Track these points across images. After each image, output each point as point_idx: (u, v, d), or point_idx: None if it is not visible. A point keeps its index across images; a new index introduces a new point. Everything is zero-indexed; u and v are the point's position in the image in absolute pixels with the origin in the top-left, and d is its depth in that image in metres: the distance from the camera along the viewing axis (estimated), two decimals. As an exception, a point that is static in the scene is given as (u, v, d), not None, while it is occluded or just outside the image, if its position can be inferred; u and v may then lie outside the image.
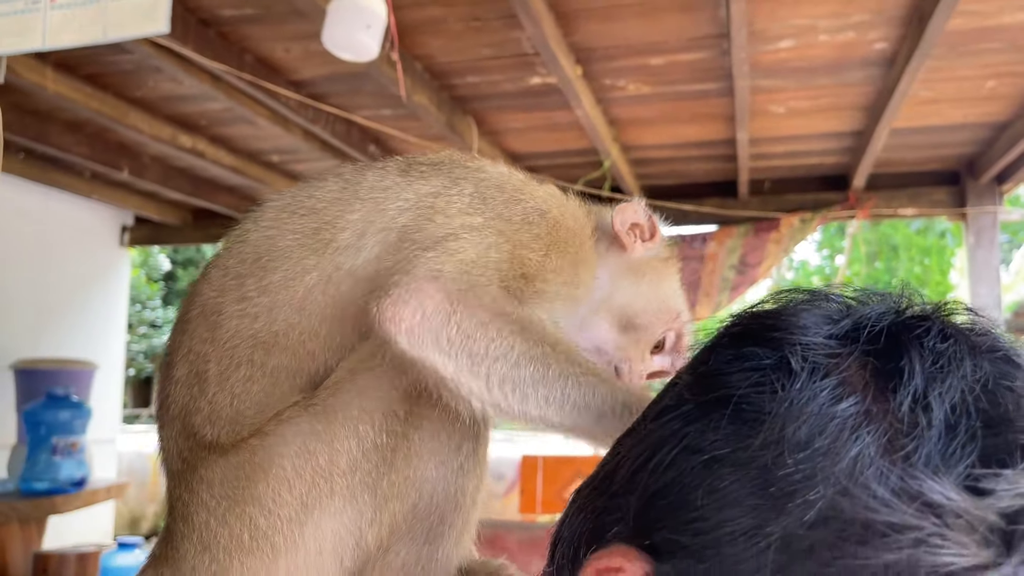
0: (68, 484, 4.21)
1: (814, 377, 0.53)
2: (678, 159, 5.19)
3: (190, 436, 1.01)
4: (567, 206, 1.16)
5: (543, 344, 0.92)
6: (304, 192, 1.10)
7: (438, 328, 0.89)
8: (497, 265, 0.99)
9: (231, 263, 1.07)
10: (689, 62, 3.67)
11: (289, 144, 4.75)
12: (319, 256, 1.02)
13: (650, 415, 0.63)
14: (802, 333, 0.56)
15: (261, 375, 1.00)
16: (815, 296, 0.62)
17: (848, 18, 3.26)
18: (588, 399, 0.91)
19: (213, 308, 1.04)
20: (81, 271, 6.10)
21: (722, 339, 0.61)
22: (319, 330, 1.00)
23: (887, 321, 0.57)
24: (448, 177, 1.08)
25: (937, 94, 4.03)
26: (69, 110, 4.24)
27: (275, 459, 0.93)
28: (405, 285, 0.91)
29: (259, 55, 3.62)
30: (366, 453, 0.93)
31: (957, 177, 5.31)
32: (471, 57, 3.64)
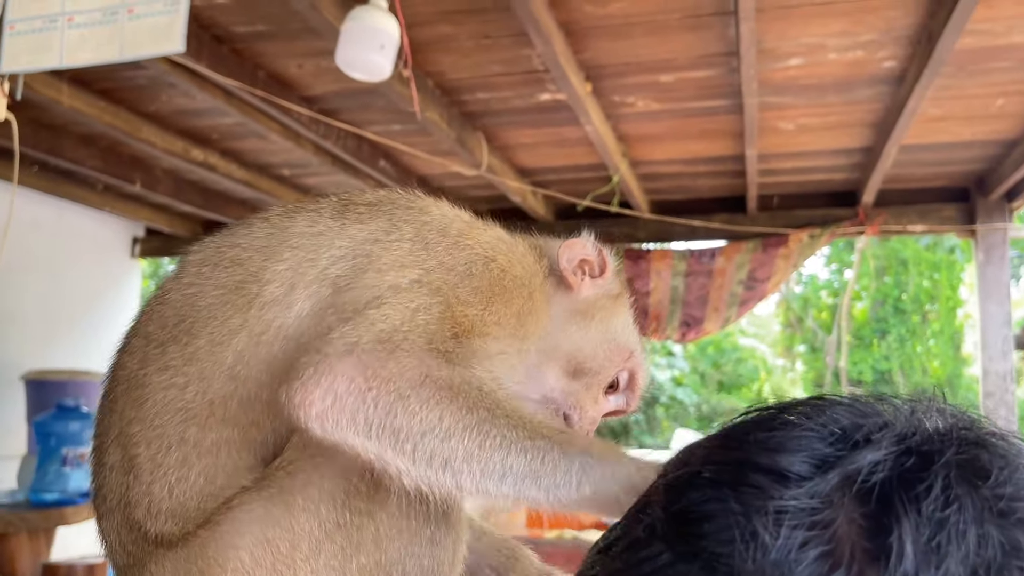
0: (77, 495, 4.23)
1: (791, 548, 0.47)
2: (687, 175, 5.20)
3: (133, 529, 0.93)
4: (516, 251, 1.07)
5: (477, 410, 0.83)
6: (227, 241, 1.01)
7: (353, 408, 0.81)
8: (425, 327, 0.90)
9: (152, 329, 0.98)
10: (698, 79, 3.69)
11: (300, 158, 4.79)
12: (244, 314, 0.94)
13: (624, 540, 0.57)
14: (780, 486, 0.50)
15: (197, 456, 0.91)
16: (812, 415, 0.55)
17: (857, 37, 3.28)
18: (535, 467, 0.82)
19: (137, 382, 0.96)
20: (92, 282, 6.14)
21: (701, 473, 0.55)
22: (259, 396, 0.92)
23: (882, 473, 0.50)
24: (388, 220, 1.00)
25: (946, 112, 4.04)
26: (83, 124, 4.28)
27: (230, 551, 0.85)
28: (315, 365, 0.83)
29: (272, 71, 3.65)
30: (329, 535, 0.86)
31: (967, 194, 5.31)
32: (481, 74, 3.67)
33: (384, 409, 0.82)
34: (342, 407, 0.81)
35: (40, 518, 4.08)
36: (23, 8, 2.22)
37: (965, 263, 12.75)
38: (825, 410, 0.55)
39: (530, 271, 1.07)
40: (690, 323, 5.70)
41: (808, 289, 14.89)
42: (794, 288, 14.88)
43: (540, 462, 0.82)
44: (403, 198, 1.06)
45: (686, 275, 5.57)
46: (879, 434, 0.52)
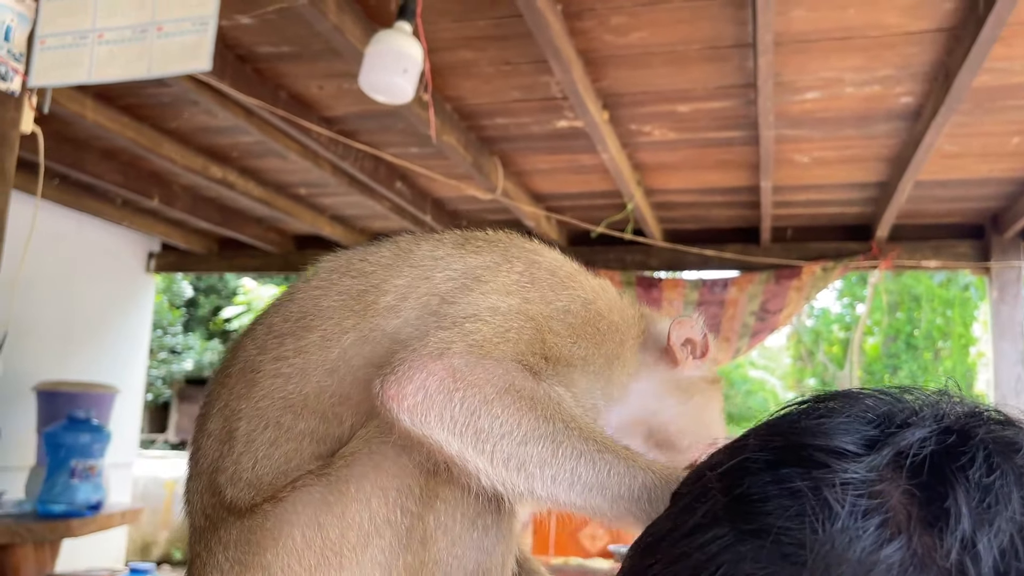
0: (84, 507, 4.23)
1: (856, 516, 0.51)
2: (701, 204, 5.22)
3: (215, 493, 1.00)
4: (616, 302, 1.15)
5: (554, 421, 0.89)
6: (358, 255, 1.10)
7: (441, 405, 0.87)
8: (515, 344, 0.97)
9: (276, 321, 1.07)
10: (715, 110, 3.72)
11: (317, 178, 4.83)
12: (359, 317, 1.01)
13: (682, 528, 0.59)
14: (841, 462, 0.54)
15: (286, 439, 0.99)
16: (849, 403, 0.60)
17: (874, 72, 3.30)
18: (602, 479, 0.87)
19: (252, 365, 1.04)
20: (107, 295, 6.19)
21: (757, 459, 0.58)
22: (350, 394, 0.99)
23: (929, 448, 0.55)
24: (503, 254, 1.08)
25: (962, 148, 4.05)
26: (105, 139, 4.34)
27: (285, 527, 0.91)
28: (409, 362, 0.89)
29: (293, 91, 3.70)
30: (378, 529, 0.91)
31: (981, 231, 5.30)
32: (500, 99, 3.70)
33: (469, 409, 0.87)
34: (431, 403, 0.87)
35: (46, 529, 4.08)
36: (54, 24, 2.27)
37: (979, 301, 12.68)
38: (861, 399, 0.60)
39: (627, 323, 1.14)
40: (701, 353, 5.68)
41: (820, 323, 14.82)
42: (806, 321, 14.82)
43: (607, 474, 0.87)
44: (520, 239, 1.15)
45: (698, 304, 5.57)
46: (918, 416, 0.58)
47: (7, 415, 4.70)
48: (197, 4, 2.13)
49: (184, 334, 14.06)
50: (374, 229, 6.25)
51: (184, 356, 13.58)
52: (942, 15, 2.86)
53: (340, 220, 5.97)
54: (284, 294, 1.11)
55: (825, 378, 14.63)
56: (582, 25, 3.02)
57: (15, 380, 4.61)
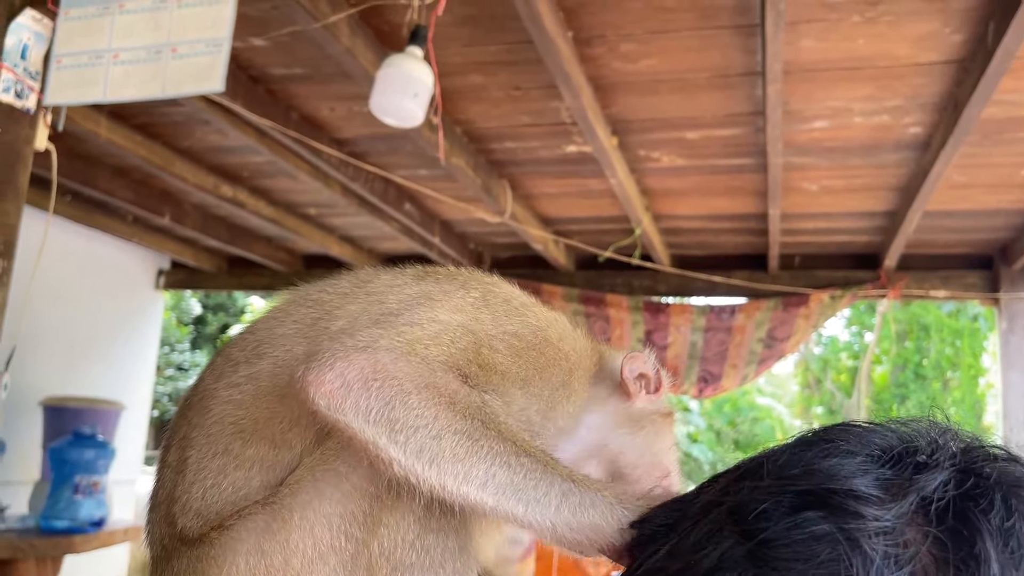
0: (87, 524, 4.23)
1: (889, 564, 0.52)
2: (709, 231, 5.22)
3: (170, 524, 1.00)
4: (568, 333, 1.15)
5: (472, 420, 0.89)
6: (317, 286, 1.11)
7: (358, 394, 0.87)
8: (448, 347, 0.97)
9: (235, 351, 1.08)
10: (724, 137, 3.73)
11: (327, 199, 4.86)
12: (310, 343, 1.01)
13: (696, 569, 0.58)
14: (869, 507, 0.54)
15: (235, 466, 0.99)
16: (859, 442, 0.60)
17: (883, 102, 3.31)
18: (516, 481, 0.86)
19: (208, 394, 1.05)
20: (116, 312, 6.21)
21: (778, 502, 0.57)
22: (300, 419, 0.98)
23: (951, 493, 0.55)
24: (461, 284, 1.09)
25: (971, 179, 4.05)
26: (118, 156, 4.38)
27: (229, 555, 0.91)
28: (332, 352, 0.90)
29: (304, 113, 3.73)
30: (322, 556, 0.90)
31: (990, 261, 5.29)
32: (510, 124, 3.73)
33: (384, 400, 0.87)
34: (348, 391, 0.87)
35: (49, 545, 4.08)
36: (71, 43, 2.30)
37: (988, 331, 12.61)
38: (868, 438, 0.61)
39: (579, 354, 1.14)
40: (707, 379, 5.67)
41: (828, 351, 14.77)
42: (813, 349, 14.76)
43: (523, 477, 0.86)
44: (481, 273, 1.15)
45: (705, 331, 5.56)
46: (931, 457, 0.59)
47: (13, 429, 4.71)
48: (211, 26, 2.15)
49: (191, 351, 14.09)
50: (382, 250, 6.27)
51: (191, 373, 13.60)
52: (951, 47, 2.87)
53: (349, 240, 6.00)
54: (245, 327, 1.12)
55: (832, 406, 14.54)
56: (592, 52, 3.05)
57: (22, 395, 4.62)
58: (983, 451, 0.60)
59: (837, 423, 0.65)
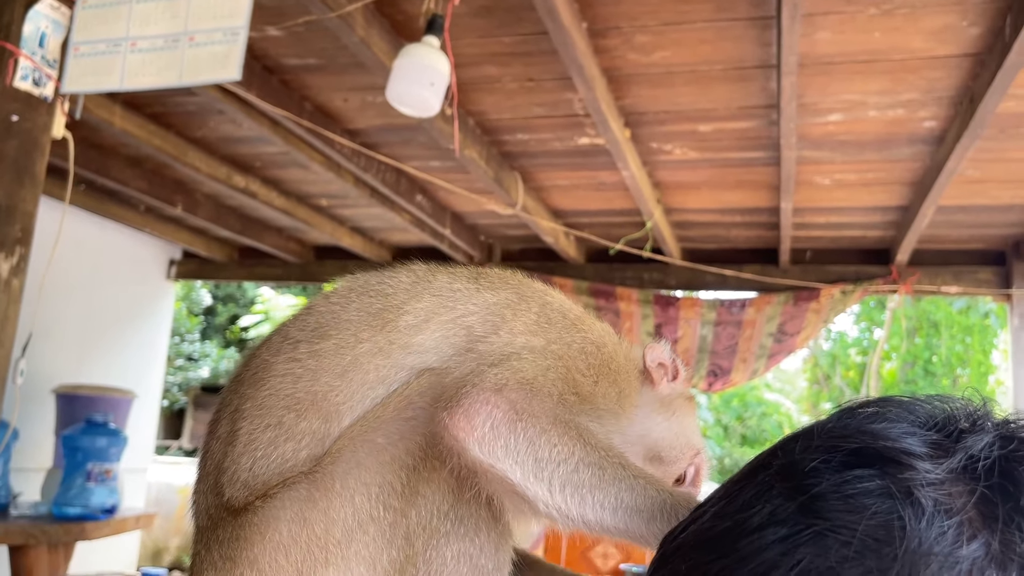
0: (99, 511, 4.26)
1: (940, 514, 0.53)
2: (720, 224, 5.21)
3: (218, 494, 1.03)
4: (619, 344, 1.22)
5: (598, 450, 0.94)
6: (377, 277, 1.16)
7: (507, 435, 0.91)
8: (556, 381, 1.02)
9: (292, 330, 1.11)
10: (737, 130, 3.72)
11: (339, 189, 4.87)
12: (376, 331, 1.06)
13: (746, 526, 0.59)
14: (920, 462, 0.56)
15: (286, 439, 1.02)
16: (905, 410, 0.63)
17: (898, 96, 3.30)
18: (640, 502, 0.92)
19: (263, 367, 1.08)
20: (127, 301, 6.24)
21: (829, 459, 0.59)
22: (355, 396, 1.03)
23: (996, 452, 0.57)
24: (516, 293, 1.14)
25: (985, 174, 4.03)
26: (132, 146, 4.40)
27: (271, 523, 0.94)
28: (474, 396, 0.93)
29: (318, 103, 3.74)
30: (362, 525, 0.94)
31: (1003, 257, 5.26)
32: (523, 115, 3.73)
33: (530, 439, 0.92)
34: (497, 434, 0.92)
35: (61, 532, 4.11)
36: (89, 31, 2.31)
37: (999, 328, 12.55)
38: (914, 406, 0.63)
39: (629, 362, 1.22)
40: (717, 373, 5.67)
41: (837, 346, 14.72)
42: (823, 344, 14.71)
43: (643, 497, 0.92)
44: (528, 279, 1.22)
45: (715, 324, 5.55)
46: (975, 423, 0.61)
47: (26, 417, 4.74)
48: (229, 15, 2.16)
49: (201, 342, 14.14)
50: (393, 241, 6.28)
51: (201, 363, 13.65)
52: (968, 40, 2.86)
53: (360, 232, 6.01)
54: (302, 308, 1.16)
55: (841, 402, 14.46)
56: (606, 43, 3.04)
57: (35, 382, 4.65)
58: (1021, 422, 0.62)
59: (878, 396, 0.67)
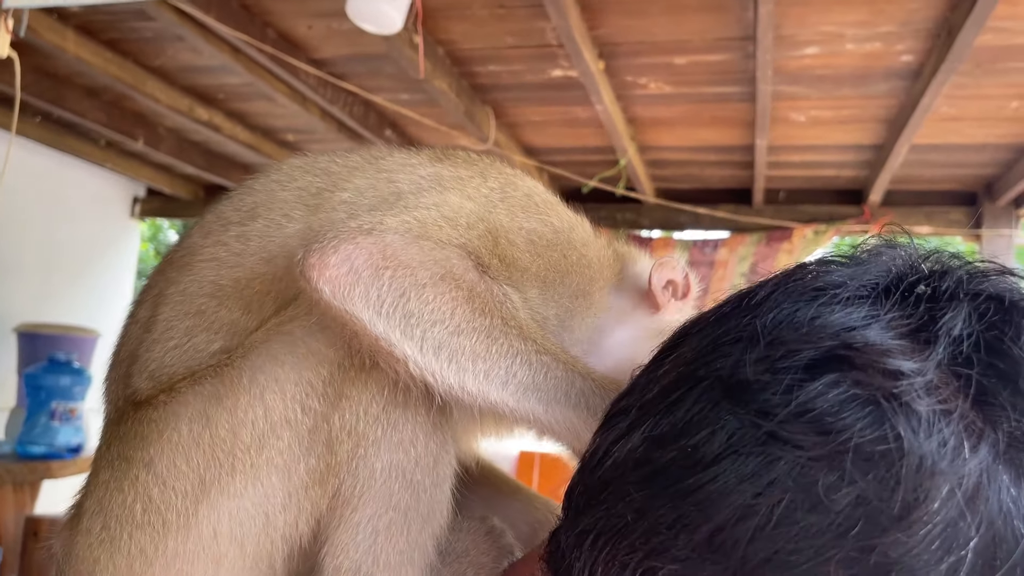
0: (65, 450, 4.21)
1: (937, 422, 0.46)
2: (695, 163, 5.16)
3: (126, 384, 0.93)
4: (591, 239, 1.06)
5: (492, 316, 0.82)
6: (327, 157, 1.03)
7: (368, 282, 0.79)
8: (464, 231, 0.88)
9: (227, 210, 1.00)
10: (713, 63, 3.64)
11: (306, 123, 4.74)
12: (310, 212, 0.94)
13: (694, 461, 0.50)
14: (898, 361, 0.48)
15: (204, 328, 0.91)
16: (848, 280, 0.53)
17: (876, 28, 3.23)
18: (538, 381, 0.81)
19: (191, 250, 0.97)
20: (91, 239, 6.10)
21: (784, 367, 0.49)
22: (281, 281, 0.91)
23: (977, 328, 0.49)
24: (480, 171, 1.00)
25: (960, 111, 3.99)
26: (87, 75, 4.23)
27: (172, 420, 0.83)
28: (339, 235, 0.81)
29: (281, 30, 3.60)
30: (275, 428, 0.82)
31: (974, 198, 5.27)
32: (494, 45, 3.62)
33: (398, 290, 0.79)
34: (356, 277, 0.79)
35: (26, 471, 4.06)
36: (31, -57, 2.17)
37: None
38: (854, 275, 0.54)
39: (600, 262, 1.06)
40: (689, 313, 5.68)
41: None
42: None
43: (544, 376, 0.81)
44: (502, 164, 1.06)
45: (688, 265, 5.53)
46: (944, 288, 0.52)
47: (-14, 355, 4.65)
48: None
49: (170, 284, 13.94)
50: (363, 180, 6.16)
51: (170, 306, 13.49)
52: (948, -32, 2.79)
53: (328, 169, 5.88)
54: (243, 185, 1.03)
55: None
56: (580, -32, 2.94)
57: (-6, 320, 4.55)
58: (977, 269, 0.55)
59: (807, 265, 0.57)
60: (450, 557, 0.91)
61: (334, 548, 0.83)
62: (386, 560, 0.83)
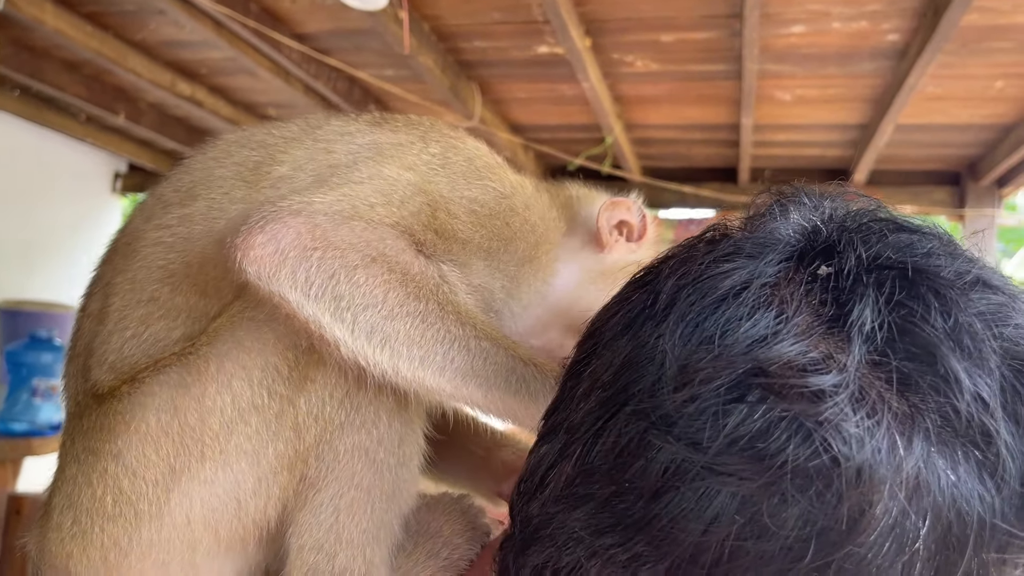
0: (46, 427, 4.19)
1: (868, 431, 0.45)
2: (681, 141, 5.15)
3: (85, 378, 0.92)
4: (535, 201, 1.04)
5: (428, 300, 0.82)
6: (263, 128, 1.01)
7: (294, 263, 0.78)
8: (398, 208, 0.87)
9: (167, 191, 0.98)
10: (699, 41, 3.63)
11: (289, 99, 4.68)
12: (250, 188, 0.92)
13: (635, 492, 0.49)
14: (814, 377, 0.46)
15: (160, 316, 0.90)
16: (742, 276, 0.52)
17: (863, 6, 3.22)
18: (477, 367, 0.81)
19: (135, 236, 0.95)
20: (71, 215, 6.02)
21: (704, 394, 0.48)
22: None
23: (888, 316, 0.48)
24: (420, 135, 0.98)
25: (945, 91, 4.00)
26: (67, 48, 4.16)
27: (139, 411, 0.83)
28: (264, 214, 0.80)
29: (264, 5, 3.55)
30: (243, 414, 0.82)
31: (958, 178, 5.30)
32: (480, 21, 3.58)
33: (327, 272, 0.78)
34: (282, 259, 0.78)
35: (7, 447, 4.04)
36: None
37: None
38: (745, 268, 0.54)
39: (547, 224, 1.04)
40: (673, 292, 5.70)
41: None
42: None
43: (482, 362, 0.81)
44: (444, 126, 1.03)
45: (673, 243, 5.54)
46: (848, 265, 0.52)
47: (-34, 332, 4.60)
48: None
49: (153, 261, 13.86)
50: (348, 156, 6.12)
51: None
52: (936, -53, 2.78)
53: (313, 145, 5.83)
54: (179, 165, 1.02)
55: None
56: (566, -57, 2.91)
57: (-26, 297, 4.50)
58: (871, 229, 0.54)
59: (699, 247, 0.57)
60: (423, 536, 0.90)
61: (298, 528, 0.84)
62: (348, 538, 0.83)
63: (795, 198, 0.59)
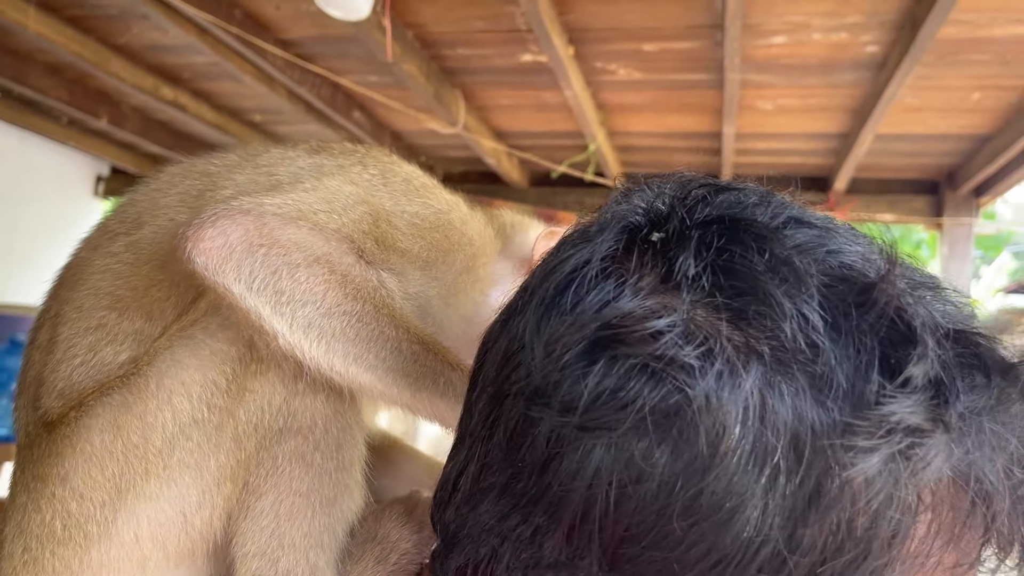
0: (26, 432, 4.16)
1: (705, 360, 0.48)
2: (663, 149, 5.19)
3: (35, 408, 0.93)
4: (470, 217, 1.08)
5: (364, 302, 0.84)
6: (204, 159, 1.04)
7: (240, 256, 0.80)
8: (341, 216, 0.90)
9: (111, 223, 1.00)
10: (682, 50, 3.66)
11: (273, 104, 4.69)
12: (195, 213, 0.92)
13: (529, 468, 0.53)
14: (653, 321, 0.50)
15: (108, 341, 0.91)
16: (578, 263, 0.56)
17: (843, 18, 3.26)
18: (407, 368, 0.84)
19: (81, 266, 0.97)
20: (53, 219, 5.98)
21: (568, 364, 0.52)
22: (179, 285, 0.92)
23: (710, 259, 0.52)
24: (358, 160, 1.02)
25: (923, 102, 4.05)
26: (50, 52, 4.14)
27: (83, 433, 0.84)
28: (214, 211, 0.82)
29: (248, 11, 3.55)
30: (184, 430, 0.83)
31: (936, 187, 5.37)
32: (464, 29, 3.60)
33: (271, 268, 0.81)
34: (230, 252, 0.80)
35: (-13, 452, 4.02)
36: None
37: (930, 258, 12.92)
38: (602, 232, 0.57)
39: (483, 239, 1.09)
40: (656, 298, 5.72)
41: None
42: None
43: (412, 363, 0.84)
44: (380, 152, 1.07)
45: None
46: (673, 226, 0.56)
47: (-55, 336, 4.56)
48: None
49: (135, 264, 13.76)
50: (332, 161, 6.11)
51: (135, 286, 13.31)
52: (913, -39, 2.82)
53: (297, 150, 5.82)
54: (123, 199, 1.04)
55: None
56: (550, -47, 2.93)
57: (-47, 301, 4.47)
58: (700, 195, 0.58)
59: (559, 245, 0.61)
60: (372, 542, 0.92)
61: (242, 536, 0.86)
62: (290, 542, 0.85)
63: (639, 185, 0.63)
